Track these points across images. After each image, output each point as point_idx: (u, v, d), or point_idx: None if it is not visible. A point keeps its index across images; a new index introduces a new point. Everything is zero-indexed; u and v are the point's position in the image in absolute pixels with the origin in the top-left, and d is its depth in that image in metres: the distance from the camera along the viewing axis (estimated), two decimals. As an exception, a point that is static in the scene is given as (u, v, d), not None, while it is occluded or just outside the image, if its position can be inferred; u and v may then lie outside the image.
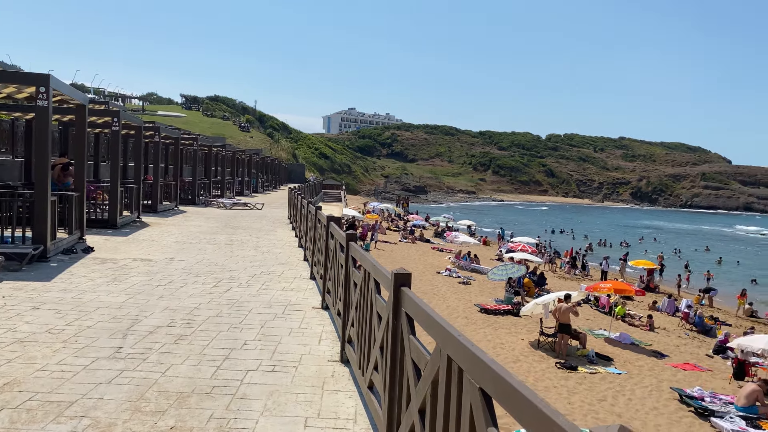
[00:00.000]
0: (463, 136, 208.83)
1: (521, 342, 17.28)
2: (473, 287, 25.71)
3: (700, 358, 18.80)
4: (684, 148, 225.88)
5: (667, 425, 12.11)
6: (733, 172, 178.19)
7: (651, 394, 14.03)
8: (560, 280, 31.95)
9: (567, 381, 14.21)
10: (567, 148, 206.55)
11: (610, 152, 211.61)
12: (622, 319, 23.00)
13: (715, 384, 15.81)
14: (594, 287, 22.52)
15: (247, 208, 29.91)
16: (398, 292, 3.84)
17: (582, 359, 16.38)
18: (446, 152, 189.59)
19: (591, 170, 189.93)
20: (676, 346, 20.05)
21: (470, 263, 31.44)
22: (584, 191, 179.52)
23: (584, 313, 24.00)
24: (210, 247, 14.56)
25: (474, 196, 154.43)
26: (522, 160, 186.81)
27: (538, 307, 18.20)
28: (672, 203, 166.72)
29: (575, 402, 12.76)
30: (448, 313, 19.71)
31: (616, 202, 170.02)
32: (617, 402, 13.12)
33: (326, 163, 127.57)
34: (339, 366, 6.01)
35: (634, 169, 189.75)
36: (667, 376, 15.79)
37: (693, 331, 22.98)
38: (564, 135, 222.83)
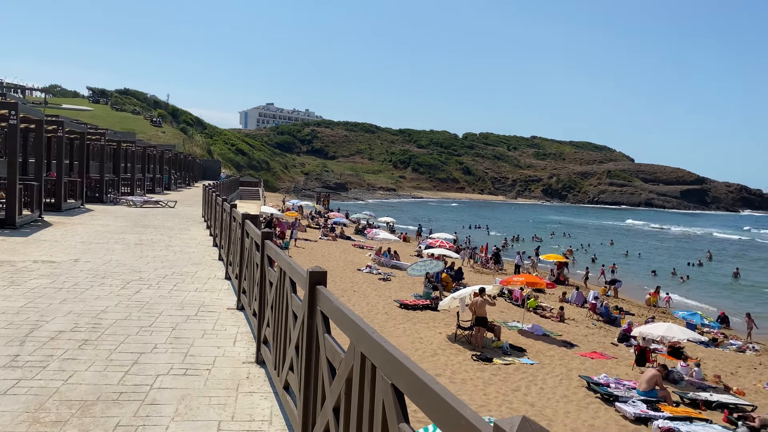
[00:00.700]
0: (384, 133, 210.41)
1: (439, 336, 17.60)
2: (393, 283, 25.95)
3: (606, 346, 19.82)
4: (591, 147, 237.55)
5: (576, 411, 12.68)
6: (635, 170, 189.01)
7: (561, 382, 14.66)
8: (477, 275, 32.82)
9: (483, 373, 14.60)
10: (482, 146, 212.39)
11: (522, 151, 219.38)
12: (534, 311, 23.90)
13: (620, 371, 16.72)
14: (508, 281, 23.27)
15: (159, 206, 28.83)
16: (313, 290, 3.81)
17: (497, 351, 16.89)
18: (367, 149, 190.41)
19: (505, 168, 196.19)
20: (584, 335, 21.05)
21: (390, 260, 31.72)
22: (499, 188, 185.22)
23: (499, 306, 24.74)
24: (118, 247, 13.92)
25: (394, 194, 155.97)
26: (440, 158, 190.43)
27: (455, 301, 18.59)
28: (580, 199, 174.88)
29: (491, 393, 13.14)
30: (368, 309, 19.80)
31: (528, 199, 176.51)
32: (530, 391, 13.62)
33: (243, 160, 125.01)
34: (254, 367, 5.90)
35: (545, 167, 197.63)
36: (576, 365, 16.55)
37: (600, 321, 24.20)
38: (480, 134, 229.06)
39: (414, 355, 15.30)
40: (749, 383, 17.54)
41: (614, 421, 12.44)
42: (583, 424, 12.02)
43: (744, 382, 17.52)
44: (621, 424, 12.28)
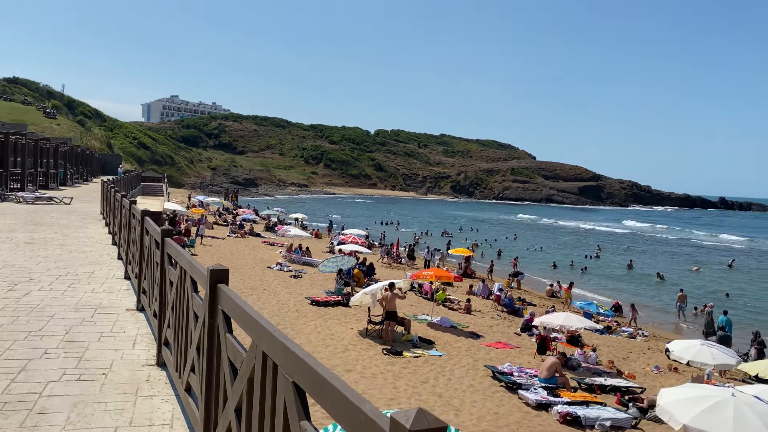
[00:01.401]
0: (295, 128, 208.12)
1: (350, 331, 17.66)
2: (305, 280, 25.75)
3: (509, 336, 20.62)
4: (496, 145, 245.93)
5: (481, 400, 13.11)
6: (537, 167, 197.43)
7: (468, 372, 15.11)
8: (388, 270, 33.18)
9: (393, 366, 14.79)
10: (394, 143, 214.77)
11: (432, 148, 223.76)
12: (442, 304, 24.47)
13: (523, 359, 17.44)
14: (417, 275, 23.67)
15: (53, 203, 27.10)
16: (215, 289, 3.70)
17: (407, 344, 17.16)
18: (277, 145, 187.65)
19: (416, 165, 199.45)
20: (489, 326, 21.80)
21: (302, 256, 31.46)
22: (410, 185, 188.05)
23: (409, 299, 25.13)
24: (5, 246, 12.96)
25: (306, 189, 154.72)
26: (352, 154, 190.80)
27: (367, 297, 18.71)
28: (486, 195, 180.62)
29: (400, 386, 13.34)
30: (279, 307, 19.55)
31: (438, 195, 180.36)
32: (438, 383, 13.94)
33: (146, 154, 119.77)
34: (155, 370, 5.67)
35: (453, 164, 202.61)
36: (482, 355, 17.11)
37: (504, 312, 25.13)
38: (391, 131, 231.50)
39: (325, 351, 15.27)
40: (639, 367, 18.80)
41: (517, 408, 12.97)
42: (489, 412, 12.45)
43: (635, 366, 18.77)
44: (524, 411, 12.81)
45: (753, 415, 8.68)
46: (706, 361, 15.35)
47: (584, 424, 12.22)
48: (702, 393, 9.33)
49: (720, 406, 8.85)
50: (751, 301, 34.03)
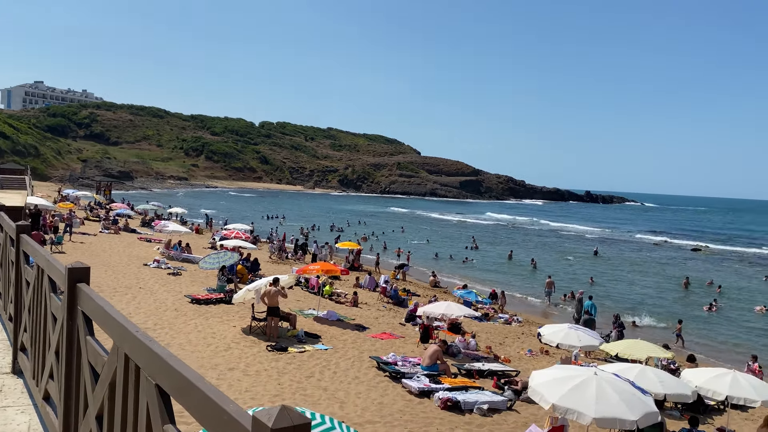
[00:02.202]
0: (173, 119, 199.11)
1: (233, 329, 17.21)
2: (184, 278, 24.77)
3: (394, 327, 21.05)
4: (383, 140, 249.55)
5: (366, 391, 13.27)
6: (422, 162, 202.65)
7: (353, 364, 15.23)
8: (274, 265, 32.70)
9: (277, 362, 14.61)
10: (280, 136, 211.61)
11: (319, 141, 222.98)
12: (329, 297, 24.50)
13: (407, 349, 17.86)
14: (304, 269, 23.51)
15: None
16: (74, 289, 3.44)
17: (292, 340, 17.01)
18: (155, 135, 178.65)
19: (303, 158, 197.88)
20: (375, 318, 22.12)
21: (181, 253, 30.21)
22: (297, 178, 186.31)
23: (295, 294, 24.95)
24: None
25: (186, 183, 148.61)
26: (236, 146, 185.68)
27: (250, 293, 18.31)
28: (373, 189, 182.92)
29: (285, 382, 13.19)
30: (156, 307, 18.65)
31: (325, 189, 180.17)
32: (324, 376, 13.94)
33: (6, 144, 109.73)
34: (10, 378, 5.20)
35: (341, 158, 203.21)
36: (367, 347, 17.32)
37: (389, 303, 25.59)
38: (277, 123, 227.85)
39: (207, 350, 14.79)
40: (514, 351, 19.89)
41: (401, 396, 13.26)
42: (373, 402, 12.63)
43: (510, 351, 19.83)
44: (407, 399, 13.12)
45: (612, 392, 9.44)
46: (573, 343, 16.48)
47: (464, 408, 12.73)
48: (568, 373, 10.02)
49: (584, 385, 9.55)
50: (613, 286, 37.04)
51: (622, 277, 41.74)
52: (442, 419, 12.15)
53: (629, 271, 44.84)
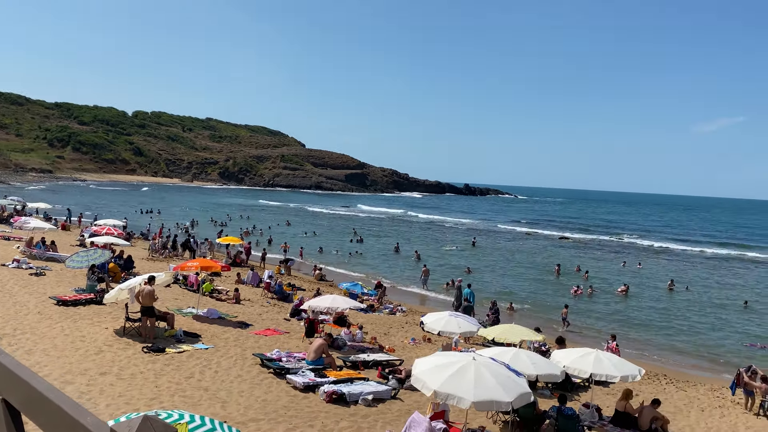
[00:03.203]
0: (35, 106, 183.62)
1: (105, 331, 16.17)
2: (49, 278, 22.93)
3: (279, 322, 20.76)
4: (266, 132, 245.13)
5: (249, 389, 12.98)
6: (307, 155, 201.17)
7: (236, 363, 14.85)
8: (149, 263, 31.11)
9: (155, 364, 13.92)
10: (155, 126, 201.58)
11: (198, 132, 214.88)
12: (210, 295, 23.72)
13: (291, 344, 17.68)
14: (182, 266, 22.56)
15: None
16: None
17: (170, 340, 16.27)
18: (13, 124, 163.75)
19: (180, 150, 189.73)
20: (259, 314, 21.70)
21: (45, 251, 27.93)
22: (174, 171, 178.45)
23: (173, 292, 23.92)
24: None
25: (51, 176, 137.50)
26: (107, 136, 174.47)
27: (123, 293, 17.28)
28: (256, 182, 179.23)
29: (162, 384, 12.60)
30: (16, 310, 17.11)
31: (205, 182, 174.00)
32: (204, 377, 13.46)
33: None
34: None
35: (221, 150, 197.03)
36: (250, 344, 16.95)
37: (274, 299, 25.22)
38: (151, 112, 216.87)
39: (75, 355, 13.78)
40: (398, 341, 20.31)
41: (285, 392, 13.10)
42: (257, 400, 12.37)
43: (394, 341, 20.22)
44: (292, 395, 12.99)
45: (490, 376, 9.89)
46: (453, 330, 17.10)
47: (349, 400, 12.81)
48: (449, 360, 10.38)
49: (463, 370, 9.93)
50: (490, 274, 38.87)
51: (498, 265, 43.90)
52: (328, 412, 12.15)
53: (504, 260, 47.25)
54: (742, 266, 52.02)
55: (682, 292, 35.90)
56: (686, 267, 49.35)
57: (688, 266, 49.95)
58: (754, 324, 28.47)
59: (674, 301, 33.02)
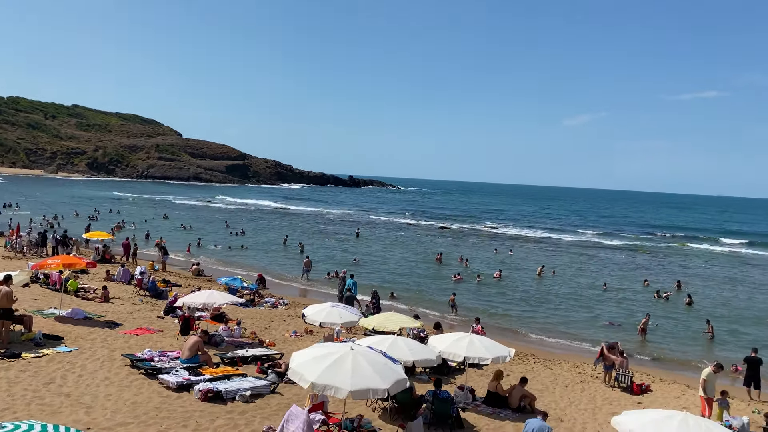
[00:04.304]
0: None
1: (-52, 338, 14.59)
2: None
3: (152, 320, 19.77)
4: (139, 120, 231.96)
5: (117, 392, 12.25)
6: (184, 145, 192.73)
7: (103, 365, 13.96)
8: (7, 261, 28.49)
9: (8, 372, 12.76)
10: (12, 112, 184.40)
11: (63, 120, 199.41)
12: (75, 294, 22.14)
13: (165, 343, 16.91)
14: (41, 264, 20.79)
15: None
16: None
17: (28, 344, 15.00)
18: None
19: (42, 138, 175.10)
20: (129, 313, 20.54)
21: None
22: (35, 161, 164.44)
23: (32, 292, 22.09)
24: None
25: None
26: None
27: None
28: (129, 174, 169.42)
29: (17, 392, 11.57)
30: None
31: (71, 173, 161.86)
32: (66, 381, 12.54)
33: None
34: None
35: (89, 139, 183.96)
36: (120, 345, 16.01)
37: (147, 296, 23.96)
38: (8, 98, 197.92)
39: None
40: (279, 334, 20.04)
41: (158, 393, 12.50)
42: (126, 403, 11.71)
43: (275, 334, 19.93)
44: (164, 396, 12.41)
45: (366, 364, 9.97)
46: (335, 321, 17.10)
47: (226, 397, 12.45)
48: (327, 351, 10.34)
49: (341, 360, 9.94)
50: (373, 264, 39.38)
51: (382, 255, 44.59)
52: (203, 411, 11.74)
53: (387, 250, 48.07)
54: (602, 252, 56.49)
55: (549, 276, 38.37)
56: (553, 253, 52.80)
57: (554, 252, 53.47)
58: (612, 304, 31.03)
59: (543, 285, 35.22)
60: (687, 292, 33.83)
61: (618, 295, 33.41)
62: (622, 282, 38.19)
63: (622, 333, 24.84)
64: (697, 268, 47.66)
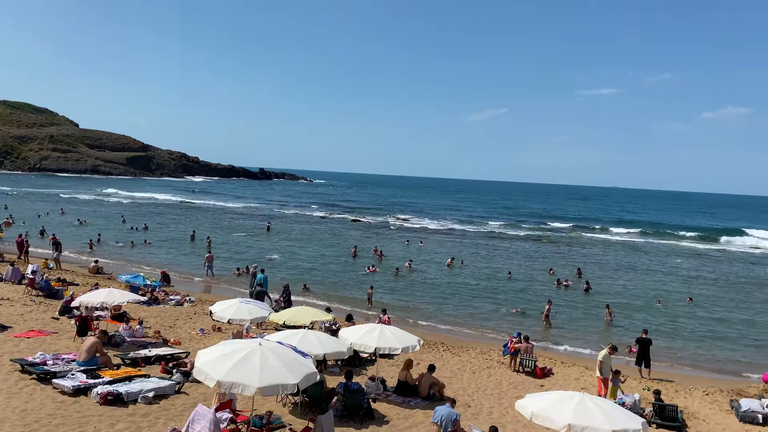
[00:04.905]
0: None
1: None
2: None
3: (46, 322, 18.56)
4: (30, 109, 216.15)
5: (5, 400, 11.39)
6: (81, 135, 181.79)
7: (-11, 372, 12.94)
8: None
9: None
10: None
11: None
12: (-44, 296, 20.38)
13: (60, 345, 15.91)
14: None
15: None
16: None
17: None
18: None
19: None
20: (20, 315, 19.18)
21: None
22: None
23: None
24: None
25: None
26: None
27: None
28: (20, 166, 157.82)
29: None
30: None
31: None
32: (-55, 392, 11.51)
33: None
34: None
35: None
36: (8, 349, 14.93)
37: (40, 296, 22.47)
38: None
39: None
40: (185, 333, 19.36)
41: (51, 399, 11.74)
42: (14, 411, 10.92)
43: (181, 333, 19.23)
44: (59, 401, 11.68)
45: (275, 360, 9.79)
46: (244, 317, 16.71)
47: (127, 400, 11.89)
48: (233, 348, 10.06)
49: (249, 357, 9.69)
50: (286, 258, 38.85)
51: (294, 248, 44.07)
52: (102, 415, 11.14)
53: (300, 243, 47.58)
54: (507, 243, 58.60)
55: (458, 267, 39.35)
56: (461, 244, 54.21)
57: (462, 244, 54.91)
58: (515, 290, 32.26)
59: (453, 276, 36.07)
60: (586, 279, 35.73)
61: (522, 283, 34.76)
62: (527, 271, 39.78)
63: (526, 320, 25.88)
64: (594, 256, 50.44)
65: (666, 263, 48.37)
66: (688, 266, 47.05)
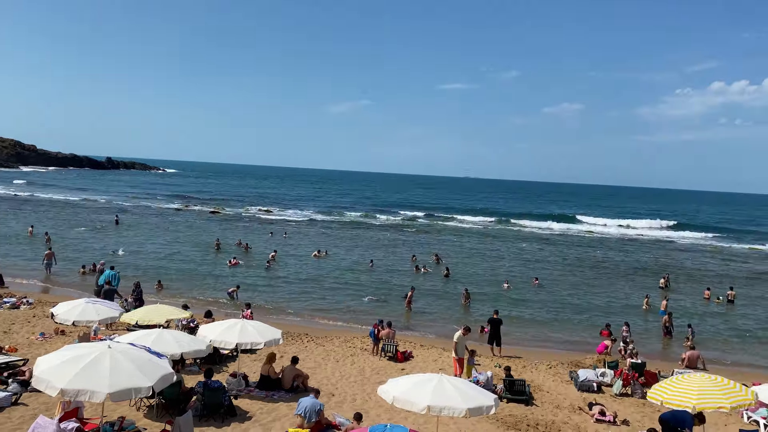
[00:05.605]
0: None
1: None
2: None
3: None
4: None
5: None
6: None
7: None
8: None
9: None
10: None
11: None
12: None
13: None
14: None
15: None
16: None
17: None
18: None
19: None
20: None
21: None
22: None
23: None
24: None
25: None
26: None
27: None
28: None
29: None
30: None
31: None
32: None
33: None
34: None
35: None
36: None
37: None
38: None
39: None
40: (23, 338, 17.66)
41: None
42: None
43: (18, 338, 17.53)
44: None
45: (127, 363, 9.19)
46: (91, 318, 15.52)
47: (-49, 418, 10.59)
48: (79, 352, 9.30)
49: (97, 361, 9.02)
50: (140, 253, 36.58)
51: (147, 243, 41.62)
52: None
53: (154, 237, 45.05)
54: (370, 232, 59.75)
55: (323, 258, 39.45)
56: (325, 235, 54.40)
57: (326, 234, 55.13)
58: (377, 279, 33.01)
59: (318, 267, 36.08)
60: (445, 265, 37.41)
61: (384, 271, 35.63)
62: (388, 258, 40.84)
63: (388, 306, 26.59)
64: (450, 242, 52.95)
65: (513, 247, 51.99)
66: (531, 250, 50.92)
